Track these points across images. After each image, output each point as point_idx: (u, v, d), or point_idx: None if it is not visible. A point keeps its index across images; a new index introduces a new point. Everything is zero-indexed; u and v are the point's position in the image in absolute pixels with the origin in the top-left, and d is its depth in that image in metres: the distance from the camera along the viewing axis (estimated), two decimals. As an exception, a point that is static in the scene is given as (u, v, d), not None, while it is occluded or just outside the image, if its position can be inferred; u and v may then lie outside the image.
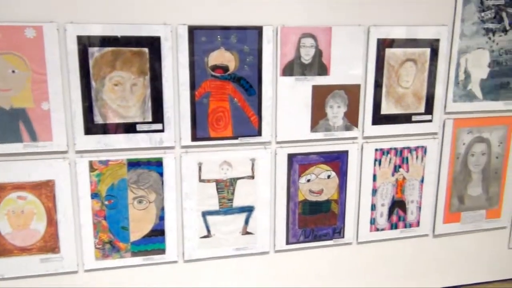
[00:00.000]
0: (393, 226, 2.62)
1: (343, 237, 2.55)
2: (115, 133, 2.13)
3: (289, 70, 2.27)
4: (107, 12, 2.02)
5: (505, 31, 2.51)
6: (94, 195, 2.17)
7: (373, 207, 2.56)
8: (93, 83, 2.05)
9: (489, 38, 2.50)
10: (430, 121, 2.51)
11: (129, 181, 2.19)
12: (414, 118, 2.48)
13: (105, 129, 2.11)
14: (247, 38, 2.18)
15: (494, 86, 2.56)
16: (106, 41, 2.03)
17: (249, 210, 2.38)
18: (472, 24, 2.45)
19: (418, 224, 2.65)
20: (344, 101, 2.37)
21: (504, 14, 2.49)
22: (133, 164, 2.18)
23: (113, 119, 2.11)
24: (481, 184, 2.70)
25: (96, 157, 2.14)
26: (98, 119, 2.09)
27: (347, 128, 2.41)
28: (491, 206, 2.75)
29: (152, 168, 2.21)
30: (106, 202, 2.19)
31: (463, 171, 2.65)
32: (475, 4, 2.43)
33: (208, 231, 2.35)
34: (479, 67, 2.52)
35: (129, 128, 2.13)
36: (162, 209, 2.26)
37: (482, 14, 2.46)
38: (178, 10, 2.09)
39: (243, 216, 2.38)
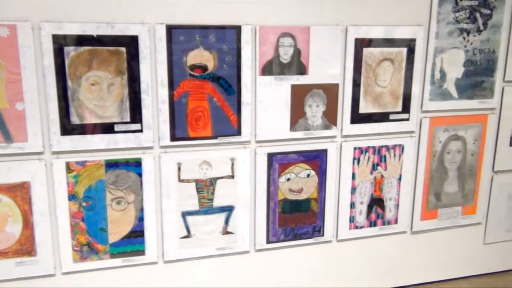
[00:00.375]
0: (372, 224, 2.65)
1: (322, 235, 2.57)
2: (93, 133, 2.10)
3: (268, 69, 2.27)
4: (83, 10, 1.99)
5: (479, 31, 2.57)
6: (71, 197, 2.13)
7: (352, 205, 2.58)
8: (69, 83, 2.02)
9: (464, 38, 2.55)
10: (407, 119, 2.55)
11: (107, 182, 2.17)
12: (391, 116, 2.52)
13: (82, 129, 2.08)
14: (226, 37, 2.18)
15: (469, 85, 2.61)
16: (82, 40, 1.99)
17: (229, 209, 2.38)
18: (447, 24, 2.50)
19: (396, 221, 2.69)
20: (323, 100, 2.39)
21: (478, 15, 2.54)
22: (111, 164, 2.15)
23: (90, 119, 2.08)
24: (457, 181, 2.75)
25: (73, 158, 2.10)
26: (74, 120, 2.06)
27: (326, 127, 2.43)
28: (467, 203, 2.81)
29: (130, 169, 2.19)
30: (84, 204, 2.16)
31: (440, 168, 2.70)
32: (450, 4, 2.48)
33: (188, 231, 2.34)
34: (454, 67, 2.57)
35: (107, 128, 2.11)
36: (141, 210, 2.24)
37: (457, 14, 2.50)
38: (156, 9, 2.08)
39: (223, 215, 2.38)
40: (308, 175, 2.47)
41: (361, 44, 2.38)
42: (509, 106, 2.73)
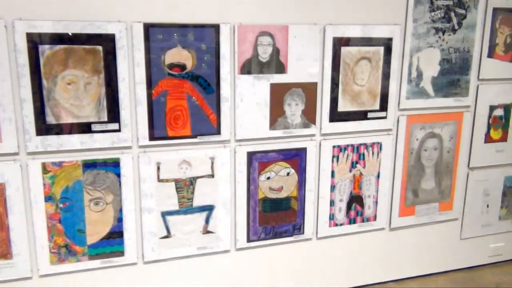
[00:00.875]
0: (351, 221, 2.67)
1: (303, 233, 2.58)
2: (69, 133, 2.07)
3: (247, 68, 2.27)
4: (58, 8, 1.96)
5: (454, 30, 2.61)
6: (48, 198, 2.10)
7: (332, 203, 2.60)
8: (44, 82, 1.98)
9: (439, 37, 2.59)
10: (384, 117, 2.58)
11: (85, 183, 2.14)
12: (369, 115, 2.55)
13: (58, 129, 2.04)
14: (205, 36, 2.17)
15: (444, 83, 2.66)
16: (57, 38, 1.96)
17: (209, 209, 2.38)
18: (423, 23, 2.54)
19: (375, 218, 2.72)
20: (302, 99, 2.40)
21: (452, 14, 2.59)
22: (89, 165, 2.12)
23: (67, 119, 2.05)
24: (434, 178, 2.80)
25: (49, 158, 2.07)
26: (50, 120, 2.02)
27: (305, 126, 2.44)
28: (444, 199, 2.86)
29: (108, 169, 2.16)
30: (61, 205, 2.13)
31: (417, 165, 2.74)
32: (425, 4, 2.52)
33: (168, 231, 2.33)
34: (430, 65, 2.61)
35: (84, 128, 2.08)
36: (120, 210, 2.22)
37: (432, 14, 2.54)
38: (133, 7, 2.06)
39: (203, 215, 2.37)
40: (288, 174, 2.48)
41: (339, 43, 2.40)
42: (483, 103, 2.79)
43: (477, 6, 2.62)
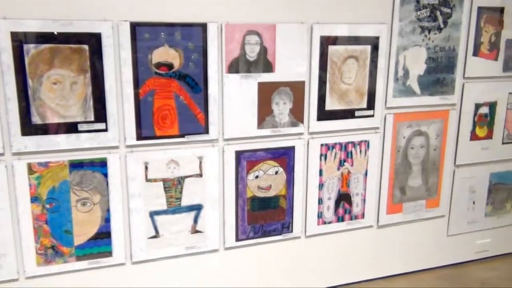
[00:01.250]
0: (340, 219, 2.69)
1: (291, 231, 2.59)
2: (55, 133, 2.05)
3: (234, 67, 2.27)
4: (43, 7, 1.93)
5: (439, 29, 2.64)
6: (34, 199, 2.07)
7: (320, 201, 2.61)
8: (29, 82, 1.96)
9: (425, 36, 2.62)
10: (372, 116, 2.60)
11: (72, 183, 2.12)
12: (357, 113, 2.56)
13: (44, 129, 2.02)
14: (192, 35, 2.17)
15: (430, 81, 2.68)
16: (43, 37, 1.94)
17: (197, 208, 2.37)
18: (409, 22, 2.56)
19: (363, 216, 2.74)
20: (290, 98, 2.41)
21: (438, 13, 2.62)
22: (75, 165, 2.11)
23: (52, 119, 2.03)
24: (421, 176, 2.82)
25: (35, 159, 2.04)
26: (36, 120, 2.00)
27: (293, 124, 2.44)
28: (431, 196, 2.89)
29: (96, 169, 2.14)
30: (47, 206, 2.11)
31: (404, 163, 2.76)
32: (411, 3, 2.54)
33: (157, 231, 2.32)
34: (417, 64, 2.63)
35: (70, 128, 2.06)
36: (108, 210, 2.21)
37: (418, 13, 2.57)
38: (119, 6, 2.04)
39: (191, 214, 2.37)
40: (276, 172, 2.48)
41: (327, 42, 2.41)
42: (469, 101, 2.82)
43: (462, 5, 2.65)
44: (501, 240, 3.18)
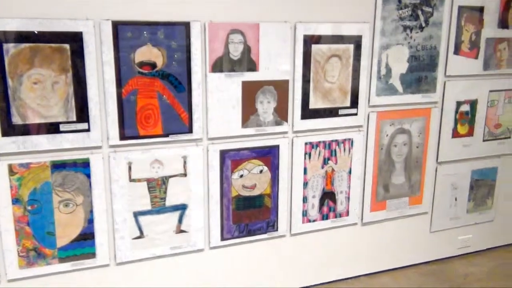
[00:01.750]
0: (324, 217, 2.70)
1: (277, 230, 2.60)
2: (37, 134, 2.02)
3: (218, 66, 2.26)
4: (23, 5, 1.90)
5: (421, 28, 2.67)
6: (15, 201, 2.04)
7: (305, 199, 2.63)
8: (9, 82, 1.93)
9: (407, 35, 2.64)
10: (355, 114, 2.61)
11: (54, 184, 2.09)
12: (340, 112, 2.58)
13: (24, 130, 1.99)
14: (175, 34, 2.15)
15: (413, 80, 2.71)
16: (23, 36, 1.91)
17: (182, 208, 2.36)
18: (391, 21, 2.58)
19: (347, 213, 2.76)
20: (274, 97, 2.41)
21: (420, 12, 2.65)
22: (57, 166, 2.08)
23: (33, 120, 2.00)
24: (404, 173, 2.85)
25: (16, 160, 2.01)
26: (16, 120, 1.97)
27: (277, 123, 2.45)
28: (413, 193, 2.92)
29: (78, 170, 2.12)
30: (29, 207, 2.08)
31: (387, 161, 2.79)
32: (393, 2, 2.56)
33: (141, 231, 2.30)
34: (399, 62, 2.66)
35: (52, 128, 2.03)
36: (91, 211, 2.18)
37: (400, 12, 2.59)
38: (101, 4, 2.02)
39: (176, 214, 2.36)
40: (261, 171, 2.48)
41: (310, 40, 2.41)
42: (450, 99, 2.86)
43: (443, 4, 2.68)
44: (482, 235, 3.24)
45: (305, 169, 2.58)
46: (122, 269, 2.32)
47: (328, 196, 2.68)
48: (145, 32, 2.10)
